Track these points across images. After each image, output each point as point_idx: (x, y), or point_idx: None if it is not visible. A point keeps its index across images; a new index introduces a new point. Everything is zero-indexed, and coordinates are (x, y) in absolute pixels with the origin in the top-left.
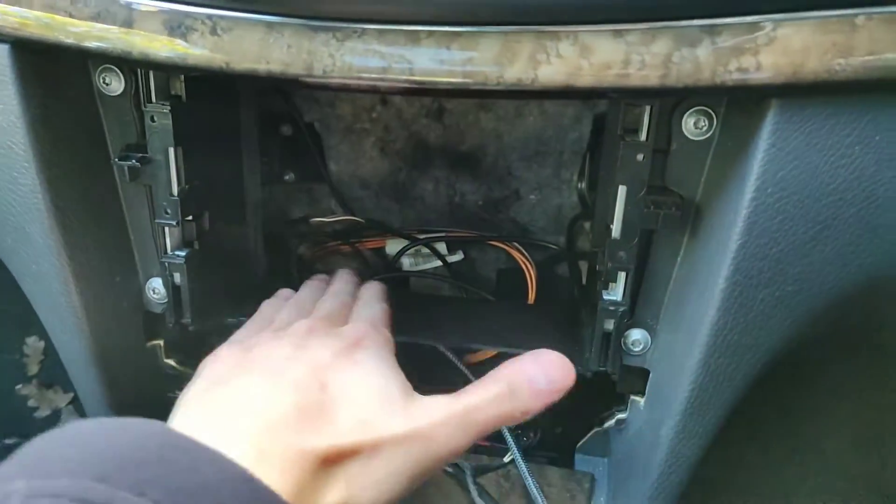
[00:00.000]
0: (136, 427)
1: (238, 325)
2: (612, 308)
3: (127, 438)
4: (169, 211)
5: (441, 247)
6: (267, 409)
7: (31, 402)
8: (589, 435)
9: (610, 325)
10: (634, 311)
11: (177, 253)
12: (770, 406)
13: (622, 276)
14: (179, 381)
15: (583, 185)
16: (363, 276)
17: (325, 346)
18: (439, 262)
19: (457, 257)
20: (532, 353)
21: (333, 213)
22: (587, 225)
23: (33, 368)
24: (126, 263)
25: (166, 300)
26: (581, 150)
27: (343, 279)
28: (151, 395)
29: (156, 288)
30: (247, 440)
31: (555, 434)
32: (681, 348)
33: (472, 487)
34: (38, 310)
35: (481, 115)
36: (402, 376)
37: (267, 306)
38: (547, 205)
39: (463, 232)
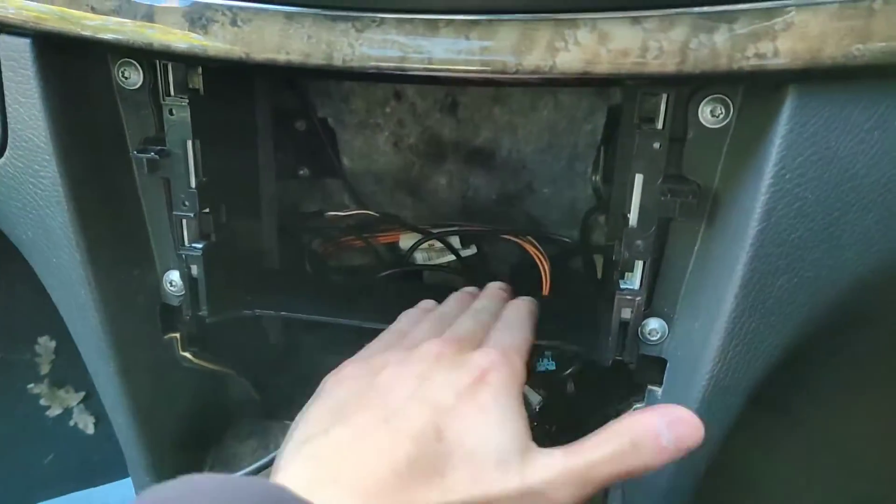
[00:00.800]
0: (253, 488)
1: (253, 318)
2: (629, 297)
3: (248, 502)
4: (187, 203)
5: (454, 241)
6: (381, 463)
7: (42, 401)
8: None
9: (627, 314)
10: (651, 301)
11: (194, 245)
12: (783, 401)
13: (639, 265)
14: (195, 373)
15: (597, 178)
16: (377, 271)
17: (449, 384)
18: (453, 257)
19: (470, 252)
20: (659, 407)
21: (347, 208)
22: (602, 218)
23: (45, 368)
24: (144, 256)
25: (183, 293)
26: (595, 142)
27: (490, 294)
28: (168, 387)
29: (173, 280)
30: (357, 500)
31: (570, 426)
32: (698, 337)
33: None
34: (57, 302)
35: (495, 109)
36: (523, 422)
37: (405, 317)
38: (561, 198)
39: (476, 226)
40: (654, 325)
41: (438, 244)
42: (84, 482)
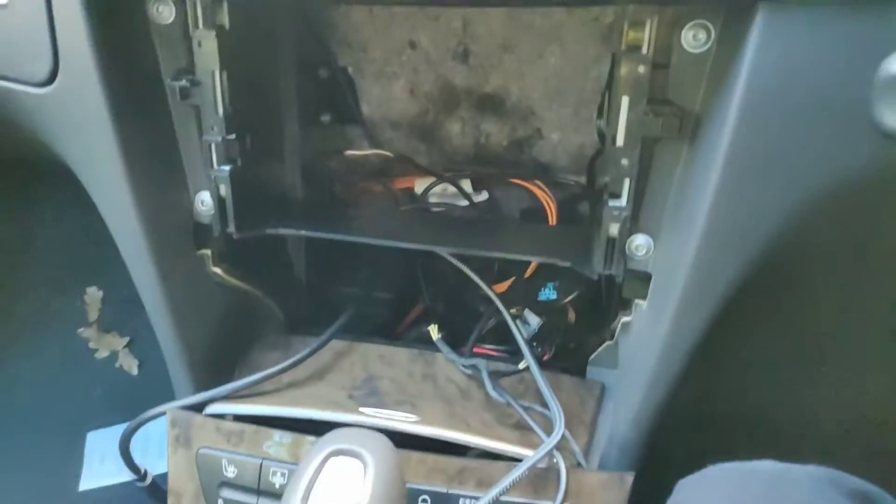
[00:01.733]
0: None
1: (276, 238)
2: (616, 213)
3: None
4: (215, 128)
5: (466, 186)
6: None
7: (91, 344)
8: (601, 348)
9: (615, 229)
10: (639, 219)
11: (222, 167)
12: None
13: (626, 182)
14: (226, 290)
15: (602, 122)
16: (392, 211)
17: None
18: (466, 202)
19: (482, 197)
20: None
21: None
22: None
23: (93, 315)
24: (177, 177)
25: (213, 211)
26: (600, 88)
27: None
28: (202, 299)
29: (204, 200)
30: None
31: (569, 349)
32: (678, 248)
33: (486, 381)
34: (105, 215)
35: (505, 57)
36: None
37: None
38: (568, 144)
39: (487, 170)
40: (640, 240)
41: (452, 189)
42: (130, 416)
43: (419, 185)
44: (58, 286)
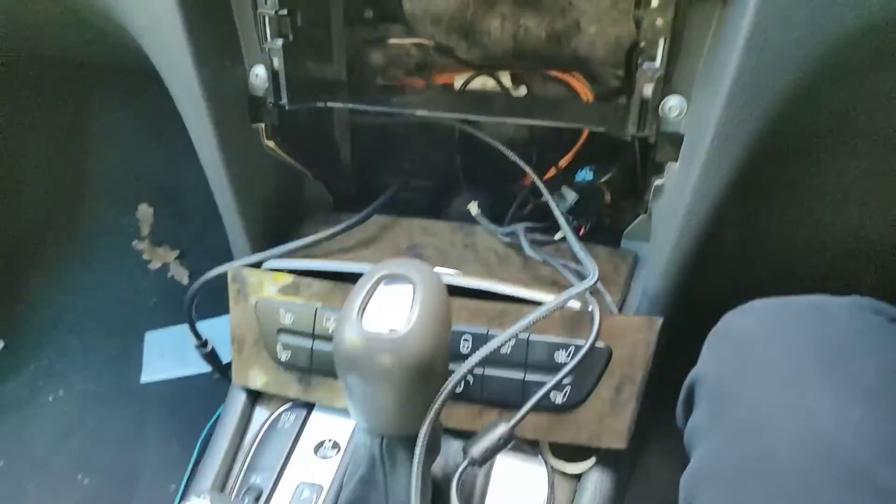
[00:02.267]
0: None
1: (324, 121)
2: (650, 74)
3: None
4: (268, 2)
5: (506, 80)
6: None
7: (144, 256)
8: (636, 221)
9: (648, 90)
10: (672, 80)
11: (275, 40)
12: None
13: (661, 42)
14: (279, 165)
15: (640, 12)
16: (434, 94)
17: None
18: None
19: (521, 92)
20: None
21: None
22: None
23: (145, 229)
24: (234, 50)
25: (267, 84)
26: None
27: None
28: (257, 170)
29: (258, 73)
30: None
31: (604, 225)
32: (708, 103)
33: (524, 242)
34: (169, 84)
35: None
36: None
37: None
38: (605, 36)
39: (526, 64)
40: (673, 101)
41: (491, 83)
42: (182, 320)
43: (458, 81)
44: (113, 202)
